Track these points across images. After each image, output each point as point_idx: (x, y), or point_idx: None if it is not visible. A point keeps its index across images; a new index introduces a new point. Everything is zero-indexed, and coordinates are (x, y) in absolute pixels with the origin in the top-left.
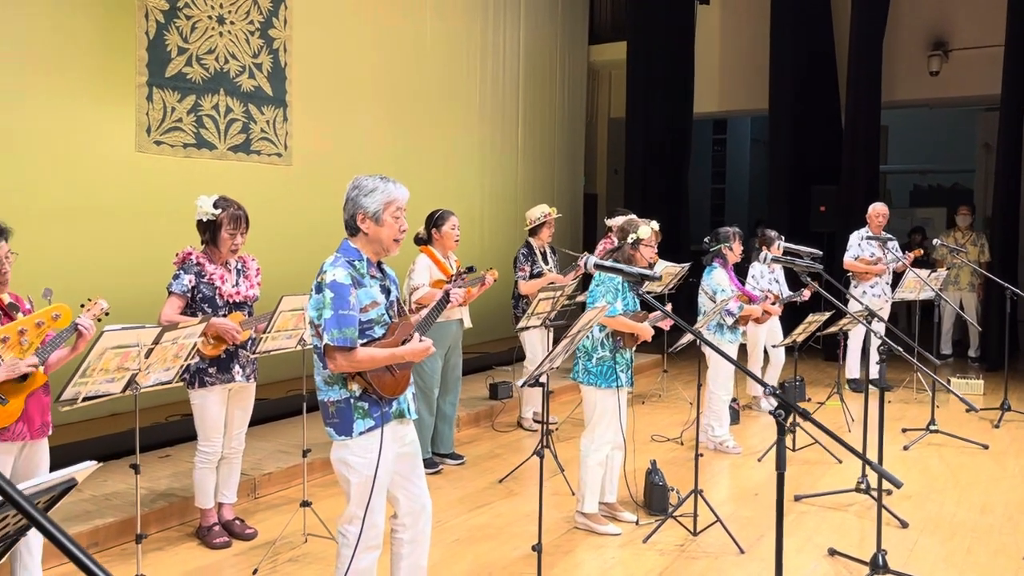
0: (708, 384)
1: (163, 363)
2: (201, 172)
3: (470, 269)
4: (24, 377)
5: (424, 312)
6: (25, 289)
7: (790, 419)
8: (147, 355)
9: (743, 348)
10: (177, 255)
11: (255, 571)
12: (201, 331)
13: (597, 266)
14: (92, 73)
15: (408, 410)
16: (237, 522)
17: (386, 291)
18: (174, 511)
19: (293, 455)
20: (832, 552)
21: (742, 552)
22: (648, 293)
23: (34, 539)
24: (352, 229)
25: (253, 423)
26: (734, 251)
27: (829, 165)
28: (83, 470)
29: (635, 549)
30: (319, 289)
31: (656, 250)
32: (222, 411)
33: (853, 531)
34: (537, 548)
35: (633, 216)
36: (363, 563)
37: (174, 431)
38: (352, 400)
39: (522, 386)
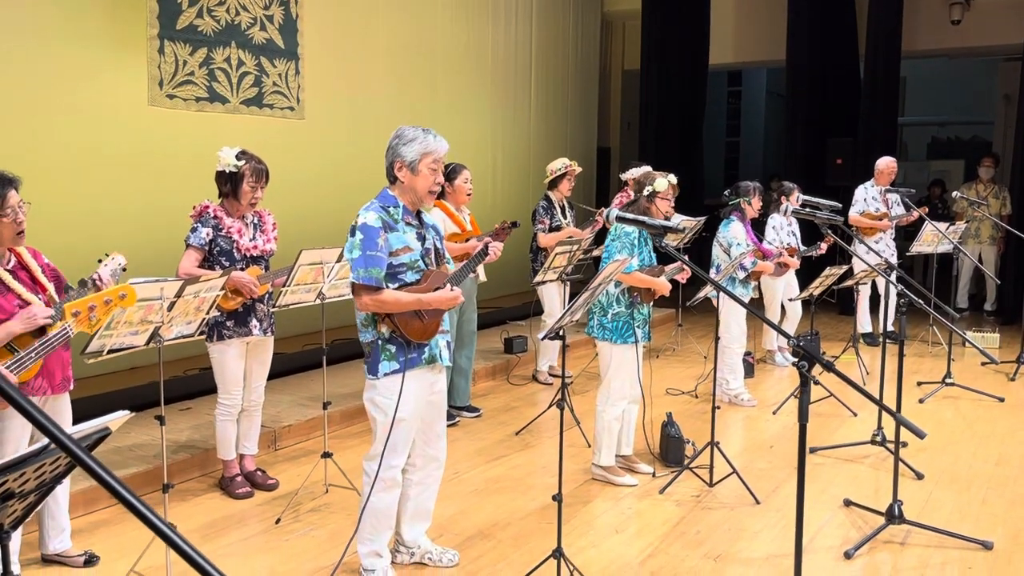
0: (721, 338)
1: (185, 316)
2: (214, 126)
3: (514, 224)
4: (42, 331)
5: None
6: (39, 242)
7: (813, 371)
8: (170, 308)
9: (758, 302)
10: (194, 208)
11: (278, 520)
12: (223, 284)
13: (619, 218)
14: (104, 25)
15: (440, 356)
16: (259, 473)
17: (421, 238)
18: (195, 463)
19: (312, 407)
20: (847, 503)
21: (758, 503)
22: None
23: (60, 489)
24: (391, 177)
25: (272, 376)
26: (753, 206)
27: (846, 117)
28: (117, 419)
29: (652, 500)
30: (352, 232)
31: (672, 204)
32: (240, 364)
33: (868, 483)
34: (557, 498)
35: (650, 169)
36: (383, 503)
37: (193, 384)
38: (380, 342)
39: (542, 339)
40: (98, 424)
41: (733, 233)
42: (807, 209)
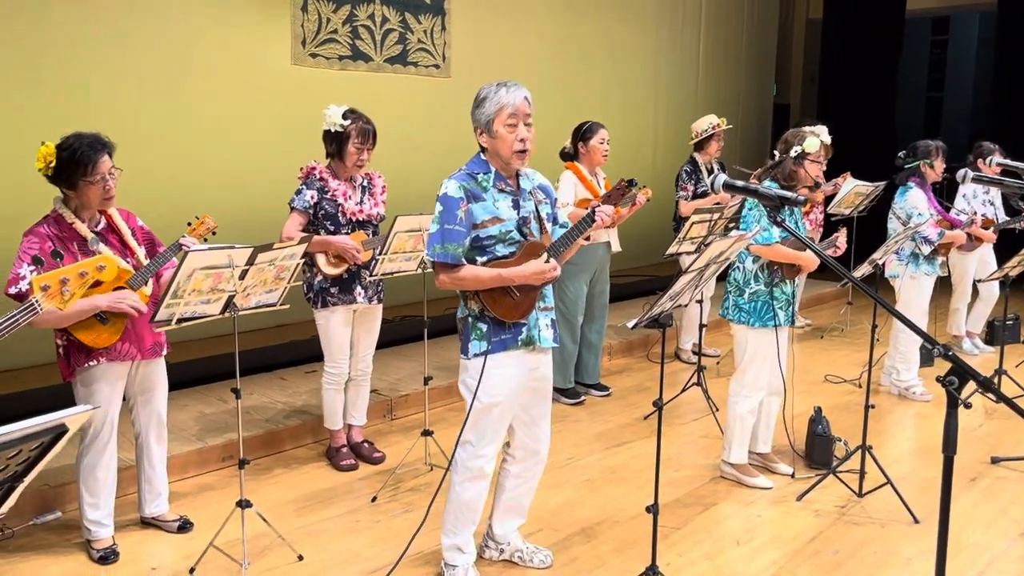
0: (897, 321)
1: (264, 285)
2: (357, 84)
3: (631, 183)
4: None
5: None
6: (181, 203)
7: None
8: (241, 276)
9: (946, 281)
10: (301, 169)
11: (374, 499)
12: (303, 252)
13: (726, 186)
14: None
15: (539, 337)
16: (366, 445)
17: (517, 206)
18: (307, 428)
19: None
20: None
21: (917, 522)
22: (835, 217)
23: (156, 450)
24: (480, 144)
25: (398, 343)
26: (935, 169)
27: None
28: (76, 415)
29: (787, 507)
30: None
31: (824, 166)
32: (346, 332)
33: None
34: (653, 509)
35: (825, 129)
36: (468, 494)
37: None
38: (471, 319)
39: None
40: (51, 419)
41: (912, 202)
42: (989, 176)
